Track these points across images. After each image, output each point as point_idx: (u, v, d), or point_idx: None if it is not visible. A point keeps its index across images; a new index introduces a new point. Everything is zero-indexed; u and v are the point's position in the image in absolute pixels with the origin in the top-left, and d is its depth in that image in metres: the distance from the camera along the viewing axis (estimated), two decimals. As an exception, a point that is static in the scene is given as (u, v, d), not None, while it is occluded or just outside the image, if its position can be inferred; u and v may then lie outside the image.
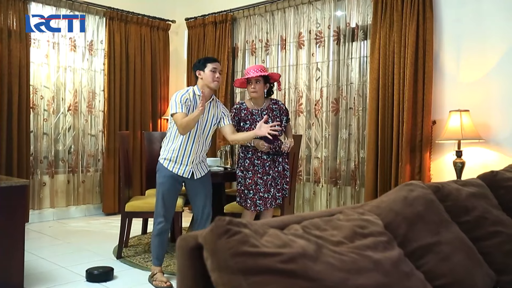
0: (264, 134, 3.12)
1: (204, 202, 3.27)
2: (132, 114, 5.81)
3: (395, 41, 4.11)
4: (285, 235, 1.21)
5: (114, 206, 5.63)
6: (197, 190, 3.25)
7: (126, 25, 5.75)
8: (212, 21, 5.71)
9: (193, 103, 3.13)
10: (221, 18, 5.59)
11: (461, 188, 2.05)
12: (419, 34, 3.99)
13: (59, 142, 5.37)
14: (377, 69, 4.23)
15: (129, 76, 5.78)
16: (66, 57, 5.35)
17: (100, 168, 5.66)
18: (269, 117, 3.41)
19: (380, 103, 4.22)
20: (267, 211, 3.54)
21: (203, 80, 3.17)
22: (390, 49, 4.16)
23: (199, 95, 3.15)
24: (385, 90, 4.19)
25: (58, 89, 5.33)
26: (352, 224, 1.40)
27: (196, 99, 3.14)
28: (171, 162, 3.16)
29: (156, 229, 3.20)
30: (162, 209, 3.18)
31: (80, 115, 5.48)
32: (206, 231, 1.13)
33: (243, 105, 3.53)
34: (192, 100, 3.14)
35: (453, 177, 3.71)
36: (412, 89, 4.01)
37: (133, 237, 4.32)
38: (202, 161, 3.29)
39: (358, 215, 1.50)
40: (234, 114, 3.49)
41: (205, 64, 3.17)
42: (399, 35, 4.09)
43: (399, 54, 4.09)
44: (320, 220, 1.43)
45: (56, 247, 4.16)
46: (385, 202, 1.67)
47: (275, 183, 3.49)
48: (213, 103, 3.24)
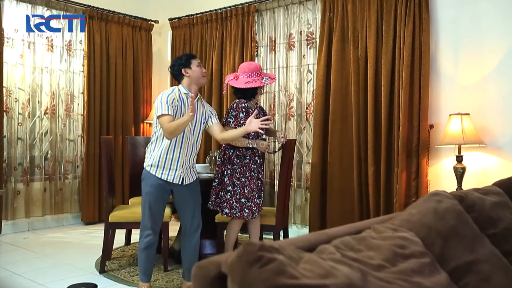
0: (255, 129, 2.95)
1: (193, 212, 3.04)
2: (113, 118, 5.53)
3: (390, 43, 3.99)
4: (323, 260, 1.02)
5: (94, 215, 5.34)
6: (186, 198, 3.01)
7: (107, 24, 5.48)
8: (198, 22, 5.49)
9: (180, 103, 2.92)
10: (207, 18, 5.38)
11: (483, 197, 1.89)
12: (415, 35, 3.87)
13: (35, 147, 5.05)
14: (373, 72, 4.09)
15: (110, 78, 5.51)
16: (42, 57, 5.05)
17: (79, 175, 5.36)
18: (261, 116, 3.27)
19: (374, 107, 4.09)
20: (256, 218, 3.36)
21: (190, 78, 2.98)
22: (385, 51, 4.03)
23: (187, 93, 2.95)
24: (380, 93, 4.06)
25: (34, 91, 5.02)
26: (389, 244, 1.22)
27: (183, 98, 2.94)
28: (159, 168, 2.92)
29: (143, 242, 2.95)
30: (149, 221, 2.93)
31: (58, 119, 5.17)
32: (233, 258, 0.93)
33: (246, 103, 3.29)
34: (179, 100, 2.92)
35: (452, 183, 3.60)
36: (408, 92, 3.88)
37: (116, 248, 4.05)
38: (192, 166, 3.06)
39: (391, 231, 1.32)
40: (245, 114, 3.21)
41: (189, 60, 3.00)
42: (395, 36, 3.97)
43: (395, 56, 3.96)
44: (352, 239, 1.25)
45: (32, 261, 3.86)
46: (415, 215, 1.50)
47: (263, 187, 3.41)
48: (199, 101, 3.04)
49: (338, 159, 4.28)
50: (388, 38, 3.99)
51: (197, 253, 3.08)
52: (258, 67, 3.33)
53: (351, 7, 4.22)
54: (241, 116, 3.22)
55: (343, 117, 4.27)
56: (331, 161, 4.29)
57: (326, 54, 4.34)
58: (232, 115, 3.24)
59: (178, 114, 2.88)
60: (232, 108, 3.26)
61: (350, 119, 4.21)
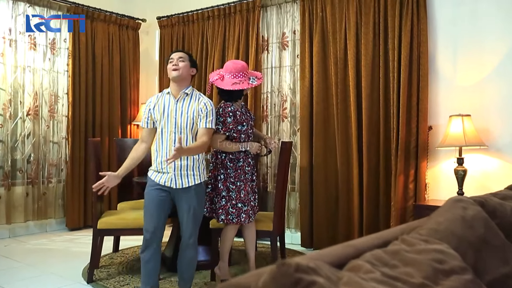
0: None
1: (186, 220, 2.80)
2: (99, 119, 5.34)
3: (388, 43, 3.91)
4: (364, 281, 0.89)
5: (79, 220, 5.13)
6: (180, 204, 2.82)
7: (93, 22, 5.29)
8: (187, 20, 5.33)
9: (158, 102, 2.86)
10: (197, 17, 5.23)
11: (503, 203, 1.79)
12: (413, 35, 3.79)
13: (16, 150, 4.82)
14: (370, 72, 4.00)
15: (95, 78, 5.31)
16: (25, 56, 4.82)
17: (64, 179, 5.14)
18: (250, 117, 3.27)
19: (370, 108, 4.00)
20: (252, 222, 3.23)
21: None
22: (381, 52, 3.94)
23: (169, 93, 2.85)
24: (377, 94, 3.97)
25: (16, 91, 4.79)
26: (426, 258, 1.10)
27: (164, 97, 2.85)
28: (153, 170, 2.87)
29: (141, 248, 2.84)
30: (144, 223, 2.81)
31: (41, 120, 4.95)
32: (265, 282, 0.79)
33: (233, 106, 3.15)
34: (156, 100, 2.88)
35: (452, 185, 3.52)
36: (406, 93, 3.80)
37: (103, 256, 3.86)
38: (191, 168, 2.81)
39: (424, 243, 1.20)
40: (233, 119, 3.07)
41: (168, 59, 2.93)
42: (392, 36, 3.89)
43: (392, 57, 3.87)
44: (384, 253, 1.12)
45: (15, 270, 3.65)
46: (443, 223, 1.38)
47: (258, 188, 3.30)
48: (187, 99, 2.82)
49: (323, 161, 4.25)
50: (386, 37, 3.92)
51: (194, 264, 2.93)
52: (245, 67, 3.18)
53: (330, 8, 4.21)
54: (229, 121, 3.06)
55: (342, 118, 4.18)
56: (316, 164, 4.27)
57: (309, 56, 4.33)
58: (220, 122, 3.05)
59: (158, 114, 2.82)
60: (219, 113, 3.07)
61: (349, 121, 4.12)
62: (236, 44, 4.81)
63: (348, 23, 4.10)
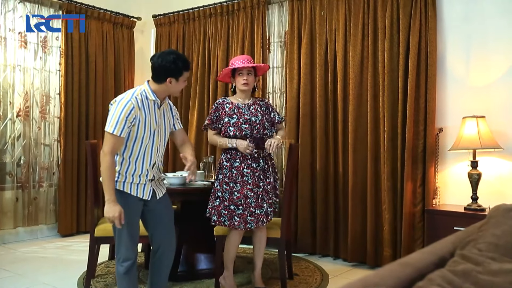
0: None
1: (170, 224, 2.62)
2: (92, 120, 5.14)
3: (394, 42, 3.78)
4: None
5: (72, 226, 4.92)
6: (160, 211, 2.59)
7: (86, 20, 5.09)
8: (187, 18, 5.16)
9: (143, 111, 2.43)
10: (198, 14, 5.06)
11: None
12: (421, 34, 3.67)
13: (6, 153, 4.60)
14: (373, 73, 3.88)
15: (89, 77, 5.11)
16: (15, 54, 4.61)
17: (55, 183, 4.92)
18: (258, 112, 3.07)
19: (375, 109, 3.87)
20: (260, 230, 3.06)
21: (168, 89, 2.55)
22: (390, 51, 3.81)
23: (154, 100, 2.48)
24: (382, 95, 3.84)
25: (5, 91, 4.57)
26: (503, 281, 0.95)
27: (148, 104, 2.46)
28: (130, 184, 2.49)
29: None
30: (125, 250, 2.48)
31: (32, 122, 4.73)
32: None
33: (226, 99, 3.11)
34: (141, 107, 2.44)
35: (464, 189, 3.41)
36: (414, 94, 3.67)
37: (99, 264, 3.67)
38: (160, 176, 2.66)
39: (493, 262, 1.05)
40: (215, 109, 3.09)
41: (182, 72, 2.56)
42: (398, 36, 3.76)
43: (399, 57, 3.75)
44: (453, 274, 0.97)
45: (5, 280, 3.43)
46: (500, 237, 1.24)
47: (268, 196, 3.01)
48: (165, 106, 2.59)
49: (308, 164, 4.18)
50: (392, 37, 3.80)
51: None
52: (246, 57, 3.11)
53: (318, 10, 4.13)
54: (211, 112, 3.12)
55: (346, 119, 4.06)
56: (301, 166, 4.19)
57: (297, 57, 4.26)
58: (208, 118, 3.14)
59: (139, 125, 2.41)
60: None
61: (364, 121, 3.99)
62: (241, 43, 4.65)
63: (354, 21, 3.96)
